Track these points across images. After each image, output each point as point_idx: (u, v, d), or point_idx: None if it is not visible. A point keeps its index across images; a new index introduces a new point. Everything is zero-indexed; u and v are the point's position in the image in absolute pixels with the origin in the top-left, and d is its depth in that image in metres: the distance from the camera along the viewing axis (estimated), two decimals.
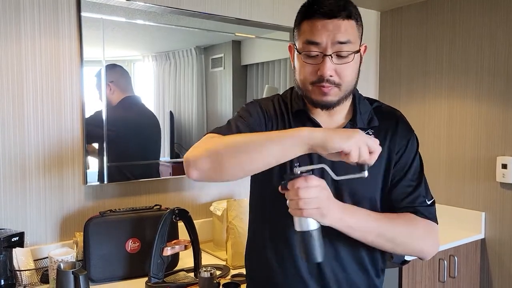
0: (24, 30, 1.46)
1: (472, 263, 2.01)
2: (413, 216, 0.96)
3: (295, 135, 0.80)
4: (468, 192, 2.06)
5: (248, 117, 0.98)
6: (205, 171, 0.84)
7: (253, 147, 0.81)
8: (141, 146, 1.74)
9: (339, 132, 0.80)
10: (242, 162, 0.82)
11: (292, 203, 0.84)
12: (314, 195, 0.82)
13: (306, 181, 0.82)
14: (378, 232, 0.91)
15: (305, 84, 0.94)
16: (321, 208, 0.83)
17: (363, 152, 0.78)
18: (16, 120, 1.46)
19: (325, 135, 0.79)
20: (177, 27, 1.76)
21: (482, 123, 2.00)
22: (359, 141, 0.78)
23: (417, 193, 0.98)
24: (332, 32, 0.88)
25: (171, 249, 1.36)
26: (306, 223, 0.84)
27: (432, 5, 2.18)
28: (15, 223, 1.47)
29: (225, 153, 0.83)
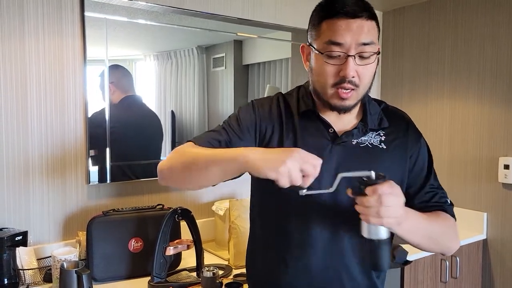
0: (28, 29, 1.46)
1: (474, 264, 2.01)
2: (445, 215, 0.99)
3: (232, 159, 0.82)
4: (470, 192, 2.06)
5: (234, 125, 0.98)
6: (167, 181, 0.94)
7: (198, 165, 0.87)
8: (142, 145, 1.74)
9: (272, 158, 0.78)
10: (191, 178, 0.90)
11: (371, 210, 0.79)
12: (396, 203, 0.80)
13: (391, 188, 0.79)
14: (427, 233, 0.92)
15: (324, 87, 0.92)
16: (399, 217, 0.80)
17: (293, 179, 0.77)
18: (19, 119, 1.47)
19: (255, 161, 0.78)
20: (179, 27, 1.76)
21: (484, 124, 2.00)
22: (290, 166, 0.76)
23: (441, 193, 1.01)
24: (356, 33, 0.87)
25: (173, 249, 1.37)
26: (378, 231, 0.81)
27: (434, 5, 2.18)
28: (19, 222, 1.47)
29: (178, 169, 0.91)
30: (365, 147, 0.97)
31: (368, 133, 0.98)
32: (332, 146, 0.96)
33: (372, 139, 0.98)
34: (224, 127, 0.99)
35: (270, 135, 0.98)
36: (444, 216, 0.99)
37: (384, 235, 0.81)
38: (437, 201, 1.00)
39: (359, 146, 0.96)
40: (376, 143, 0.97)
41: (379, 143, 0.97)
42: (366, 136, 0.98)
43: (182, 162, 0.90)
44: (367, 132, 0.98)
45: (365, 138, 0.97)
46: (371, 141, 0.97)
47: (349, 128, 0.98)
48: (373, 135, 0.98)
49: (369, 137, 0.98)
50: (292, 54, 2.08)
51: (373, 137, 0.98)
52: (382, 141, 0.97)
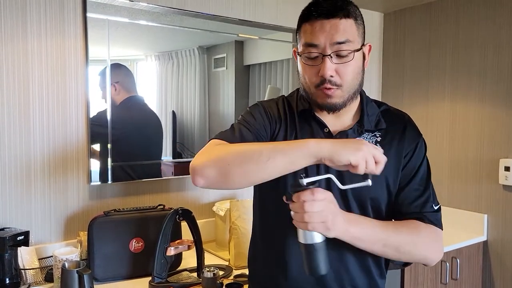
0: (31, 30, 1.47)
1: (474, 265, 2.01)
2: (417, 224, 0.96)
3: (302, 147, 0.81)
4: (470, 194, 2.06)
5: (252, 121, 0.98)
6: (211, 179, 0.84)
7: (260, 157, 0.81)
8: (144, 146, 1.74)
9: (347, 144, 0.80)
10: (249, 172, 0.82)
11: (297, 216, 0.83)
12: (320, 209, 0.81)
13: (312, 194, 0.81)
14: (384, 242, 0.91)
15: (309, 87, 0.95)
16: (326, 222, 0.82)
17: (370, 164, 0.79)
18: (22, 119, 1.47)
19: (332, 147, 0.79)
20: (180, 28, 1.77)
21: (485, 126, 2.00)
22: (366, 153, 0.79)
23: (424, 198, 0.98)
24: (330, 32, 0.89)
25: (174, 249, 1.37)
26: (311, 236, 0.83)
27: (435, 7, 2.18)
28: (20, 222, 1.48)
29: (231, 162, 0.83)
30: None
31: (363, 134, 0.98)
32: None
33: (367, 140, 0.98)
34: (244, 124, 0.98)
35: (277, 133, 1.00)
36: (415, 224, 0.95)
37: (317, 239, 0.83)
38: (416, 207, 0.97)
39: None
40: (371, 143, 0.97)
41: (374, 144, 0.97)
42: (361, 136, 0.98)
43: (237, 155, 0.83)
44: (362, 133, 0.98)
45: (359, 138, 0.97)
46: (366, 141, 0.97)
47: (344, 128, 0.99)
48: (369, 136, 0.98)
49: (365, 138, 0.98)
50: (293, 55, 2.08)
51: (368, 138, 0.98)
52: (378, 142, 0.98)
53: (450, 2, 2.12)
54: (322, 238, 0.84)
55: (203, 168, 0.85)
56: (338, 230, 0.85)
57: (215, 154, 0.86)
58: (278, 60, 2.07)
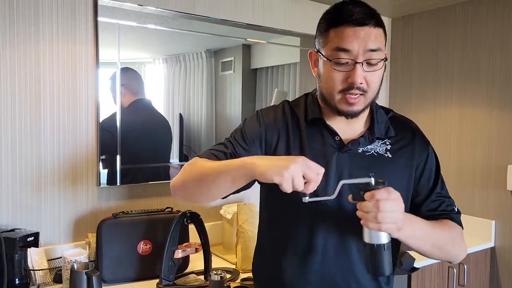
0: (43, 36, 1.49)
1: (481, 272, 2.00)
2: (452, 223, 0.99)
3: (240, 167, 0.85)
4: (478, 200, 2.05)
5: (239, 138, 1.00)
6: (181, 197, 0.99)
7: (207, 178, 0.90)
8: (152, 148, 1.76)
9: (276, 163, 0.81)
10: (203, 192, 0.93)
11: (369, 215, 0.81)
12: (394, 208, 0.81)
13: (388, 193, 0.80)
14: (432, 241, 0.93)
15: (332, 93, 0.93)
16: (398, 222, 0.82)
17: (296, 184, 0.79)
18: (33, 121, 1.49)
19: (262, 167, 0.81)
20: (188, 32, 1.78)
21: (493, 131, 1.99)
22: (293, 172, 0.79)
23: (448, 201, 1.02)
24: (364, 40, 0.88)
25: (182, 252, 1.38)
26: (378, 236, 0.82)
27: (443, 12, 2.18)
28: (30, 223, 1.50)
29: (190, 184, 0.95)
30: (370, 156, 0.97)
31: (374, 142, 0.99)
32: (338, 154, 0.96)
33: (378, 148, 0.98)
34: (230, 140, 1.01)
35: (276, 143, 0.99)
36: (450, 224, 0.99)
37: (384, 240, 0.82)
38: (444, 209, 1.01)
39: (364, 155, 0.97)
40: (382, 151, 0.98)
41: (384, 152, 0.98)
42: (372, 144, 0.98)
43: (193, 176, 0.94)
44: (373, 140, 0.99)
45: (371, 147, 0.98)
46: (377, 149, 0.98)
47: (356, 136, 0.99)
48: (379, 144, 0.99)
49: (375, 145, 0.98)
50: (300, 59, 2.09)
51: (379, 146, 0.99)
52: (388, 150, 0.98)
53: (458, 7, 2.11)
54: (388, 238, 0.83)
55: (173, 187, 0.99)
56: (405, 230, 0.85)
57: (183, 175, 0.97)
58: (285, 64, 2.08)
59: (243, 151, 0.98)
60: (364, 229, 0.84)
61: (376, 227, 0.81)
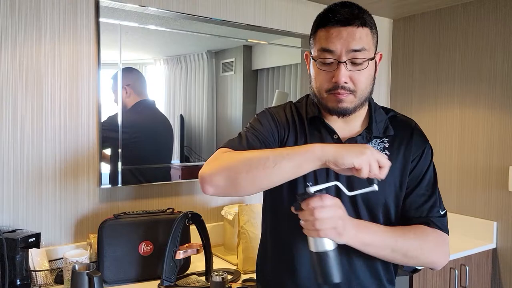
0: (44, 36, 1.49)
1: (483, 273, 1.99)
2: (424, 228, 0.96)
3: (307, 151, 0.82)
4: (480, 201, 2.05)
5: (260, 129, 0.99)
6: (220, 187, 0.86)
7: (266, 163, 0.83)
8: (154, 149, 1.75)
9: (351, 148, 0.82)
10: (256, 178, 0.84)
11: (307, 224, 0.83)
12: (330, 215, 0.82)
13: (321, 200, 0.82)
14: (392, 247, 0.91)
15: (320, 92, 0.95)
16: (337, 228, 0.83)
17: (374, 168, 0.80)
18: (34, 122, 1.49)
19: (336, 151, 0.80)
20: (190, 32, 1.78)
21: (495, 132, 1.99)
22: (369, 157, 0.80)
23: (431, 203, 0.99)
24: (346, 40, 0.90)
25: (183, 253, 1.38)
26: (322, 243, 0.83)
27: (444, 13, 2.18)
28: (31, 224, 1.50)
29: (239, 169, 0.84)
30: None
31: (372, 140, 0.99)
32: None
33: (376, 146, 0.99)
34: (251, 132, 0.99)
35: (286, 139, 1.01)
36: (422, 229, 0.96)
37: (329, 247, 0.83)
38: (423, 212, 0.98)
39: None
40: (380, 150, 0.98)
41: (382, 150, 0.98)
42: (370, 143, 0.99)
43: (244, 162, 0.85)
44: (371, 139, 0.99)
45: (364, 144, 0.98)
46: (375, 148, 0.98)
47: (354, 135, 1.00)
48: (377, 142, 0.99)
49: (373, 144, 0.99)
50: (301, 60, 2.09)
51: (376, 144, 0.99)
52: (386, 148, 0.99)
53: (460, 8, 2.12)
54: (333, 245, 0.84)
55: (211, 176, 0.86)
56: (348, 235, 0.85)
57: (223, 162, 0.87)
58: (287, 65, 2.08)
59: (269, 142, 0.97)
60: (308, 238, 0.84)
61: (314, 234, 0.83)
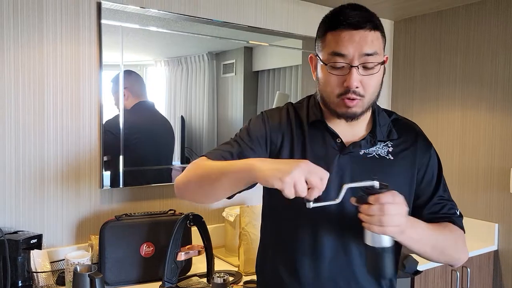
0: (47, 37, 1.49)
1: (485, 275, 1.99)
2: (453, 226, 0.99)
3: (242, 170, 0.84)
4: (481, 203, 2.04)
5: (246, 138, 0.99)
6: (184, 196, 0.98)
7: (209, 178, 0.89)
8: (155, 151, 1.76)
9: (279, 168, 0.78)
10: (206, 192, 0.92)
11: (372, 219, 0.81)
12: (399, 212, 0.81)
13: (393, 196, 0.80)
14: (433, 244, 0.93)
15: (330, 96, 0.94)
16: (401, 225, 0.82)
17: (298, 189, 0.77)
18: (36, 123, 1.49)
19: (264, 172, 0.79)
20: (190, 34, 1.79)
21: (496, 134, 1.99)
22: (296, 177, 0.76)
23: (450, 204, 1.02)
24: (359, 44, 0.88)
25: (185, 254, 1.38)
26: (381, 239, 0.82)
27: (446, 15, 2.18)
28: (33, 225, 1.50)
29: (193, 184, 0.93)
30: (372, 158, 0.97)
31: (376, 144, 0.99)
32: (340, 156, 0.96)
33: (380, 150, 0.98)
34: (236, 139, 1.01)
35: (281, 144, 1.00)
36: (452, 227, 0.99)
37: (387, 243, 0.83)
38: (446, 212, 1.00)
39: (366, 157, 0.97)
40: (384, 154, 0.98)
41: (386, 154, 0.98)
42: (374, 147, 0.98)
43: (197, 176, 0.92)
44: (375, 143, 0.98)
45: (372, 149, 0.98)
46: (379, 152, 0.98)
47: (357, 138, 0.99)
48: (381, 146, 0.99)
49: (377, 148, 0.98)
50: (302, 62, 2.10)
51: (380, 148, 0.99)
52: (390, 152, 0.98)
53: (461, 10, 2.12)
54: (391, 241, 0.83)
55: (177, 187, 0.97)
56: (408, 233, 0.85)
57: (186, 176, 0.95)
58: (287, 67, 2.08)
59: (250, 151, 0.98)
60: (366, 232, 0.83)
61: (380, 231, 0.81)
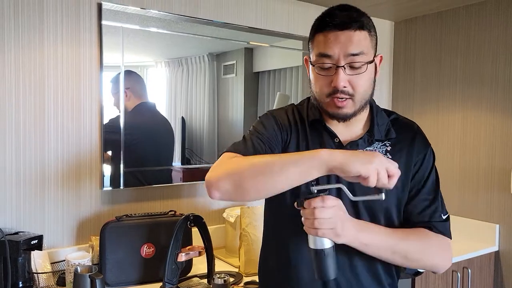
0: (47, 38, 1.50)
1: (485, 276, 1.99)
2: (426, 232, 0.96)
3: (314, 157, 0.81)
4: (482, 203, 2.04)
5: (264, 132, 0.99)
6: (227, 193, 0.86)
7: (273, 169, 0.82)
8: (156, 152, 1.76)
9: (359, 156, 0.80)
10: (263, 184, 0.83)
11: (307, 222, 0.85)
12: (330, 216, 0.83)
13: (322, 201, 0.83)
14: (392, 249, 0.91)
15: (320, 97, 0.95)
16: (335, 229, 0.84)
17: (382, 177, 0.79)
18: (37, 124, 1.50)
19: (344, 158, 0.79)
20: (191, 35, 1.79)
21: (497, 135, 1.99)
22: (378, 166, 0.79)
23: (433, 207, 0.99)
24: (344, 44, 0.89)
25: (185, 255, 1.38)
26: (321, 241, 0.85)
27: (446, 15, 2.18)
28: (34, 226, 1.50)
29: (246, 175, 0.84)
30: None
31: (374, 144, 0.99)
32: None
33: (377, 149, 0.98)
34: (256, 135, 0.99)
35: (288, 142, 1.01)
36: (424, 233, 0.96)
37: (326, 245, 0.85)
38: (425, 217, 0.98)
39: None
40: (382, 153, 0.98)
41: (384, 153, 0.98)
42: (372, 146, 0.98)
43: (251, 168, 0.85)
44: (372, 142, 0.99)
45: (370, 148, 0.98)
46: (376, 151, 0.98)
47: (355, 138, 0.99)
48: (379, 145, 0.99)
49: (375, 147, 0.99)
50: (303, 63, 2.10)
51: (378, 147, 0.99)
52: (388, 151, 0.98)
53: (462, 10, 2.12)
54: (331, 243, 0.86)
55: (218, 181, 0.86)
56: (347, 236, 0.86)
57: (230, 167, 0.87)
58: (288, 68, 2.08)
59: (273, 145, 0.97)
60: (308, 235, 0.87)
61: (313, 233, 0.84)
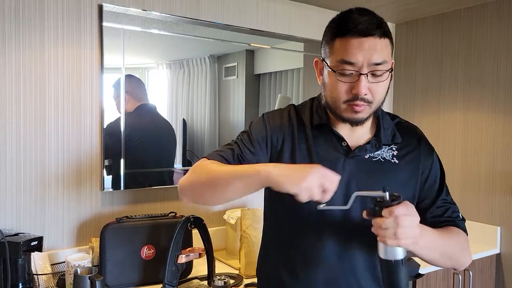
0: (48, 40, 1.50)
1: (487, 278, 1.98)
2: (458, 230, 0.99)
3: (254, 175, 0.84)
4: (483, 206, 2.04)
5: (246, 141, 1.00)
6: (190, 199, 0.97)
7: (220, 182, 0.89)
8: (156, 153, 1.76)
9: (293, 175, 0.80)
10: (215, 195, 0.92)
11: (388, 232, 0.79)
12: (413, 223, 0.80)
13: (406, 208, 0.79)
14: (441, 250, 0.92)
15: (337, 102, 0.93)
16: (415, 236, 0.81)
17: (314, 194, 0.79)
18: (37, 126, 1.50)
19: (278, 176, 0.80)
20: (192, 37, 1.79)
21: (498, 136, 1.98)
22: (310, 183, 0.78)
23: (453, 207, 1.02)
24: (368, 52, 0.87)
25: (185, 257, 1.37)
26: (395, 251, 0.81)
27: (447, 17, 2.18)
28: (34, 227, 1.50)
29: (201, 187, 0.93)
30: (377, 161, 0.97)
31: (381, 148, 0.99)
32: (345, 160, 0.96)
33: (385, 154, 0.98)
34: (237, 141, 1.01)
35: (281, 146, 0.99)
36: (457, 231, 0.99)
37: (401, 255, 0.81)
38: (450, 215, 1.00)
39: (371, 160, 0.97)
40: (389, 157, 0.98)
41: (391, 158, 0.98)
42: (379, 150, 0.98)
43: (204, 179, 0.92)
44: (380, 147, 0.98)
45: (377, 153, 0.98)
46: (384, 155, 0.98)
47: (362, 142, 0.99)
48: (386, 150, 0.99)
49: (382, 151, 0.98)
50: (304, 64, 2.10)
51: (385, 152, 0.99)
52: (395, 156, 0.98)
53: (463, 12, 2.12)
54: (404, 252, 0.82)
55: (182, 189, 0.97)
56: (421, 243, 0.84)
57: (192, 177, 0.95)
58: (289, 70, 2.08)
59: (250, 154, 0.98)
60: (379, 245, 0.82)
61: (395, 243, 0.79)
